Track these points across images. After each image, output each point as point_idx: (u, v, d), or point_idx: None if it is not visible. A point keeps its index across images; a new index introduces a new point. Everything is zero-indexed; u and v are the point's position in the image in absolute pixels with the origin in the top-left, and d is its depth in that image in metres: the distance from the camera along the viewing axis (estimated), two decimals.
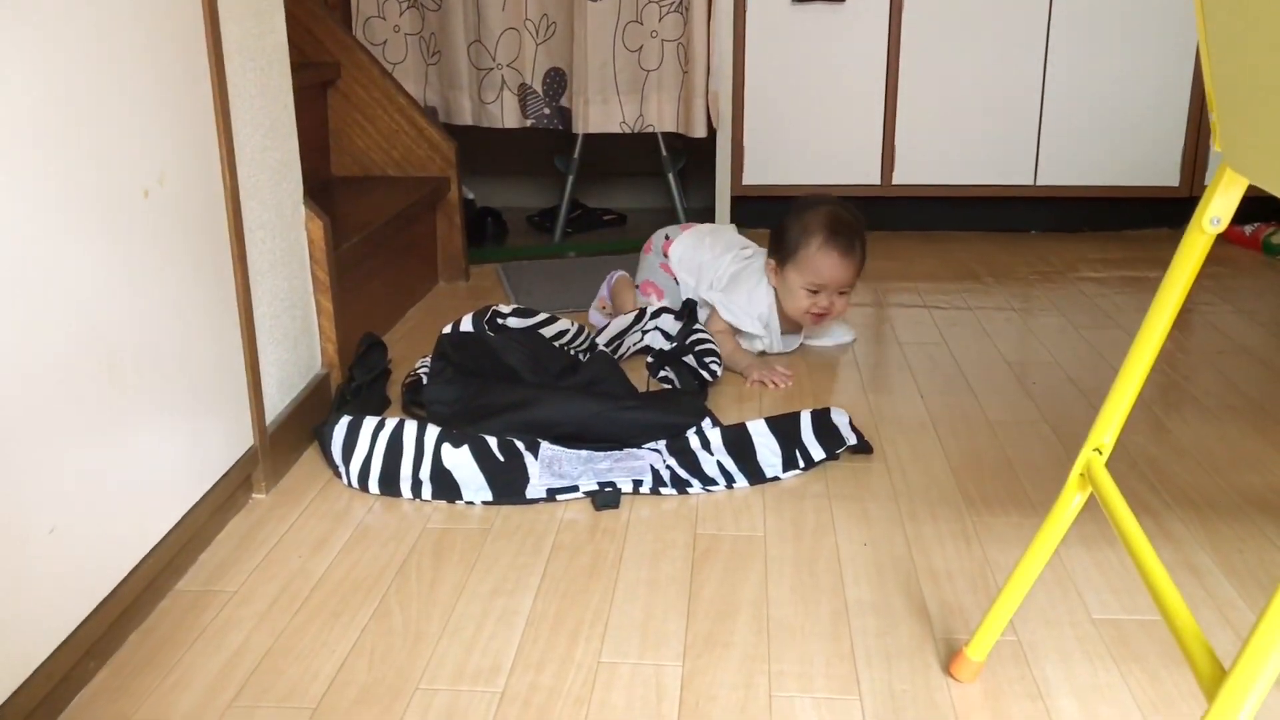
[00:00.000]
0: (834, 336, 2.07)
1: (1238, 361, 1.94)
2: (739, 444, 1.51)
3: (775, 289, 1.95)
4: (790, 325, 2.00)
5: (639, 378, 1.84)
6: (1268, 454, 1.56)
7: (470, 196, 2.87)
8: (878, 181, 2.80)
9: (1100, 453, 0.95)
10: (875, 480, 1.50)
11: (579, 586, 1.24)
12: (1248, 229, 2.67)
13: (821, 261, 1.88)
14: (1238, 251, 2.66)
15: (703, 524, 1.38)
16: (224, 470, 1.35)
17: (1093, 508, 1.03)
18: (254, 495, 1.46)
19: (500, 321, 1.88)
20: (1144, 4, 2.65)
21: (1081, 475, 0.96)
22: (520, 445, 1.49)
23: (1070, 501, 0.97)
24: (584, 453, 1.50)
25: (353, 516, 1.41)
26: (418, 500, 1.45)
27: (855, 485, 1.48)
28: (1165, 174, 2.75)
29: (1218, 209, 0.87)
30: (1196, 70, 2.67)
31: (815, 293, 1.89)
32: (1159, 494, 1.44)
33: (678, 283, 2.11)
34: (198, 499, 1.28)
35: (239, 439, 1.40)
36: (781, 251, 1.93)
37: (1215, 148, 0.86)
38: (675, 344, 1.90)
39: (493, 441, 1.48)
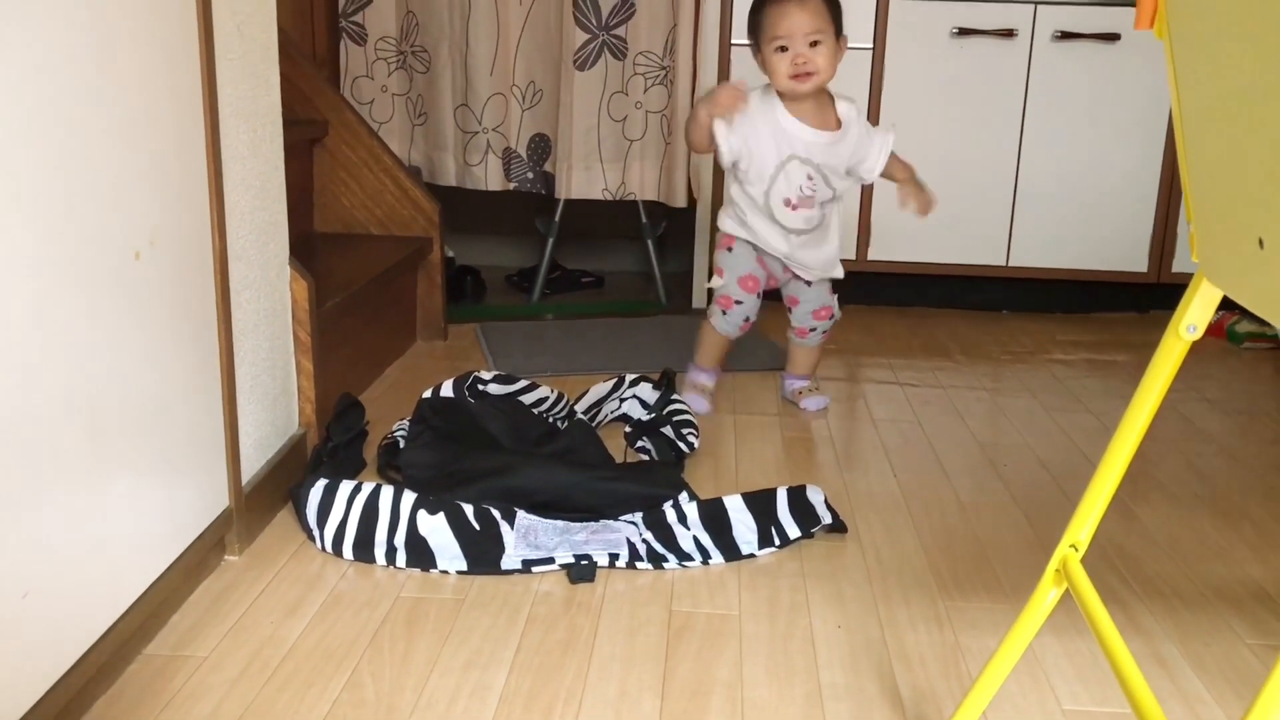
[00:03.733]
0: (879, 153, 1.99)
1: (1204, 450, 1.97)
2: (715, 519, 1.52)
3: (772, 86, 1.94)
4: (808, 114, 1.94)
5: (616, 446, 1.85)
6: (1234, 545, 1.58)
7: (450, 254, 2.88)
8: (853, 257, 2.84)
9: (1076, 549, 0.96)
10: (849, 560, 1.51)
11: (553, 662, 1.23)
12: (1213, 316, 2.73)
13: (775, 12, 1.89)
14: (1203, 339, 2.71)
15: (678, 600, 1.38)
16: (199, 532, 1.34)
17: (1065, 597, 1.04)
18: (227, 557, 1.44)
19: (481, 387, 1.88)
20: (1115, 97, 2.72)
21: (1057, 571, 0.97)
22: (496, 514, 1.49)
23: (1045, 596, 0.98)
24: (560, 523, 1.50)
25: (325, 582, 1.40)
26: (392, 567, 1.44)
27: (830, 564, 1.49)
28: (1134, 260, 2.81)
29: (1194, 317, 0.90)
30: (1165, 161, 2.75)
31: (785, 50, 1.88)
32: (1128, 584, 1.46)
33: (735, 246, 2.05)
34: (171, 561, 1.27)
35: (214, 500, 1.39)
36: (752, 36, 1.95)
37: (1193, 258, 0.89)
38: (653, 414, 1.91)
39: (469, 509, 1.48)
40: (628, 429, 1.90)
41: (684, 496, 1.58)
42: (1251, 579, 1.48)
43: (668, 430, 1.84)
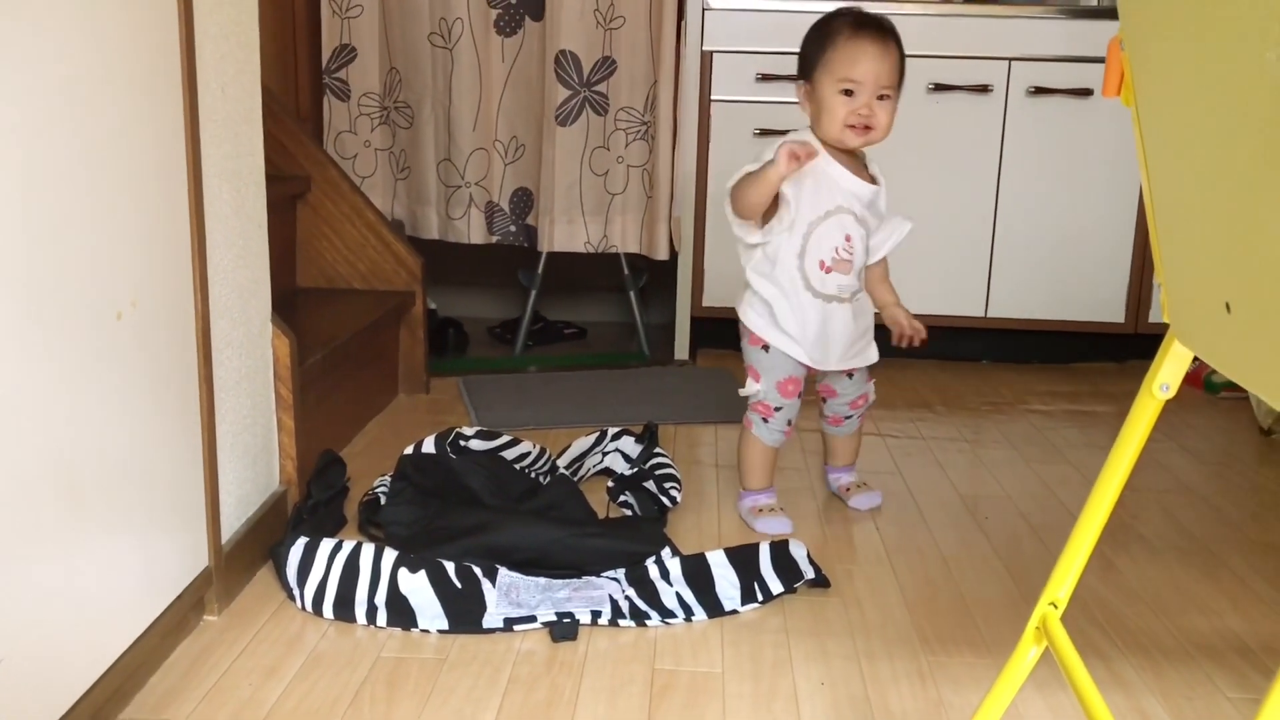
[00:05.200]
0: (891, 233, 1.79)
1: (1183, 501, 1.98)
2: (698, 575, 1.52)
3: (810, 124, 1.72)
4: (847, 160, 1.72)
5: (599, 501, 1.84)
6: (1214, 598, 1.59)
7: (432, 306, 2.89)
8: None
9: (1055, 607, 0.97)
10: (832, 615, 1.51)
11: None
12: (1190, 366, 2.76)
13: (853, 51, 1.64)
14: (1180, 388, 2.73)
15: (661, 658, 1.37)
16: (177, 592, 1.33)
17: (1048, 652, 1.04)
18: (206, 617, 1.43)
19: (462, 444, 1.88)
20: (1089, 150, 2.77)
21: (1037, 629, 0.97)
22: (478, 571, 1.48)
23: (1026, 654, 0.99)
24: (542, 580, 1.50)
25: (305, 642, 1.39)
26: (372, 626, 1.43)
27: (812, 620, 1.49)
28: (1111, 310, 2.84)
29: (1167, 376, 0.92)
30: (1140, 212, 2.79)
31: (851, 95, 1.65)
32: (1109, 637, 1.46)
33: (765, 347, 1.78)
34: (150, 622, 1.26)
35: (194, 559, 1.38)
36: (806, 66, 1.70)
37: (1164, 319, 0.90)
38: (635, 468, 1.91)
39: (450, 567, 1.48)
40: (610, 484, 1.90)
41: (666, 552, 1.57)
42: (1232, 632, 1.48)
43: (650, 485, 1.84)
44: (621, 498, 1.84)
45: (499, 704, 1.26)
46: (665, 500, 1.81)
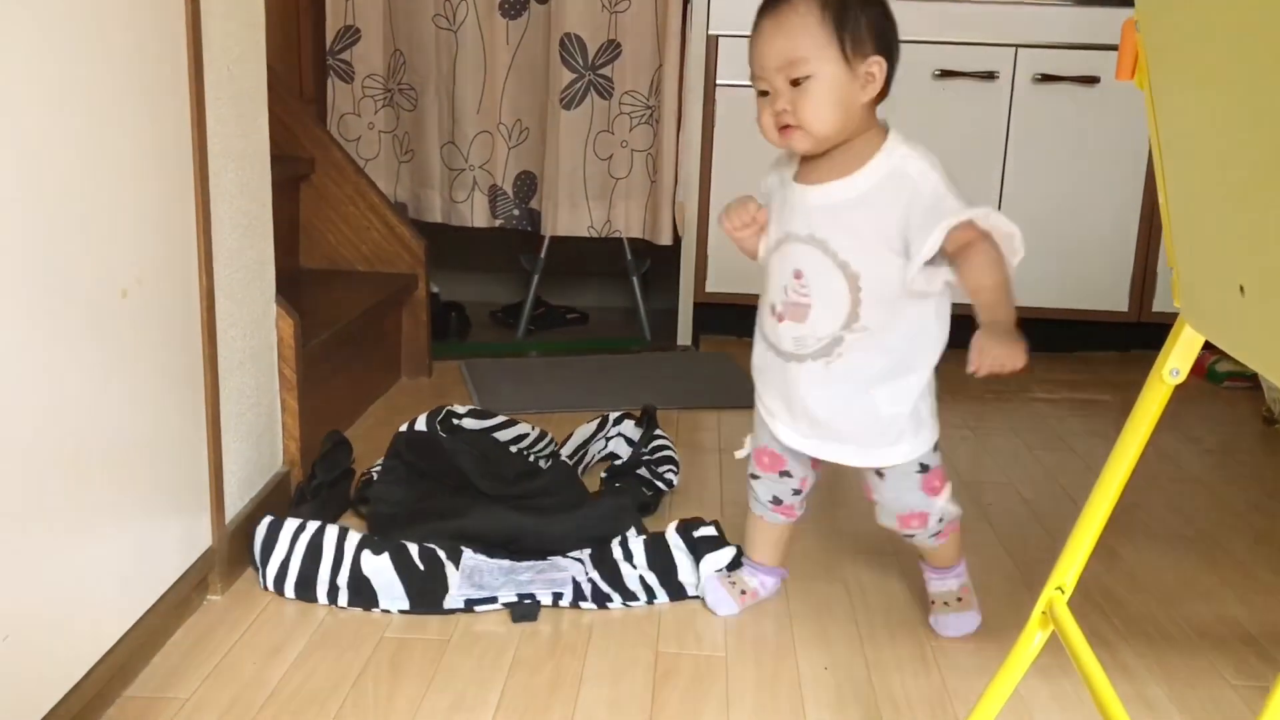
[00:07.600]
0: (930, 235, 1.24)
1: (1185, 489, 1.98)
2: (659, 556, 1.50)
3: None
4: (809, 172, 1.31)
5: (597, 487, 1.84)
6: (1216, 586, 1.59)
7: (435, 290, 2.89)
8: None
9: (1062, 591, 0.97)
10: (835, 600, 1.51)
11: (539, 705, 1.22)
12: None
13: (751, 38, 1.24)
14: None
15: (664, 641, 1.37)
16: (181, 571, 1.33)
17: (1051, 639, 1.04)
18: (209, 597, 1.43)
19: (455, 422, 1.87)
20: (1095, 139, 2.76)
21: (1044, 614, 0.97)
22: (442, 554, 1.46)
23: (1032, 639, 0.99)
24: (505, 563, 1.48)
25: (309, 623, 1.39)
26: (334, 606, 1.42)
27: (815, 604, 1.49)
28: (1115, 299, 2.84)
29: (1176, 361, 0.91)
30: (1145, 201, 2.78)
31: (767, 95, 1.25)
32: (1113, 624, 1.46)
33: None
34: (154, 602, 1.26)
35: (198, 539, 1.38)
36: None
37: (1175, 303, 0.90)
38: (634, 451, 1.90)
39: (414, 549, 1.46)
40: (604, 474, 1.87)
41: (632, 533, 1.55)
42: (1235, 619, 1.48)
43: (644, 471, 1.83)
44: (616, 485, 1.83)
45: (502, 685, 1.26)
46: (660, 484, 1.80)
